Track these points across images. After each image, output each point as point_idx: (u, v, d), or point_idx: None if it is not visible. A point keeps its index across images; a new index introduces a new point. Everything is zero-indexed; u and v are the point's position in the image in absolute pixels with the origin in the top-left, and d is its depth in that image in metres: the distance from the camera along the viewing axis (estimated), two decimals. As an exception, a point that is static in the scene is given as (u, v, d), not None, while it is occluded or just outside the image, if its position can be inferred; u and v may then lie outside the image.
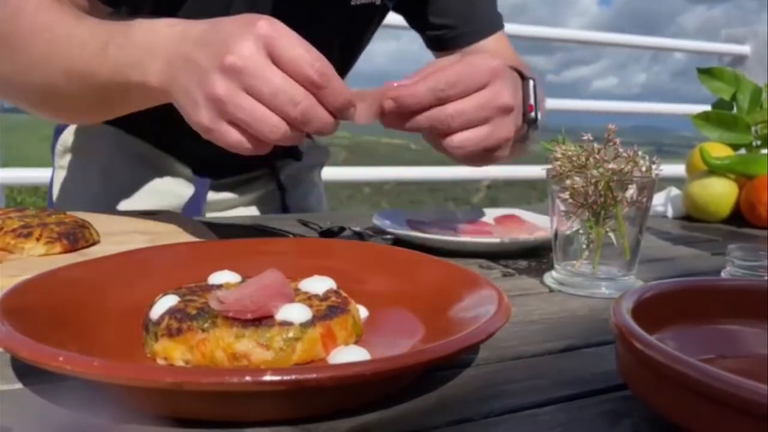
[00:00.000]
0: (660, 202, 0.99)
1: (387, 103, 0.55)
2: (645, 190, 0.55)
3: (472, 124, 0.57)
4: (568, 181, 0.55)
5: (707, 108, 1.01)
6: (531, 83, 0.64)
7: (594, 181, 0.54)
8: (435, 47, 0.95)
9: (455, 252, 0.67)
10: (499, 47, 0.91)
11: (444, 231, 0.73)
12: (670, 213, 0.97)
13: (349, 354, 0.38)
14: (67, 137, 0.96)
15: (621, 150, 0.54)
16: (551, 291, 0.57)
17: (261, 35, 0.49)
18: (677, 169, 1.08)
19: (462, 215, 0.83)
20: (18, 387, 0.36)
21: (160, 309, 0.40)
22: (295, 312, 0.38)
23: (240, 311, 0.37)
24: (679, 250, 0.77)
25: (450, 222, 0.78)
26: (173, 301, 0.40)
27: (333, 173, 2.43)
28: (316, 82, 0.49)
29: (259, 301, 0.38)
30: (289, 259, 0.52)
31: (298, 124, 0.50)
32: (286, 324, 0.38)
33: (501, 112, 0.57)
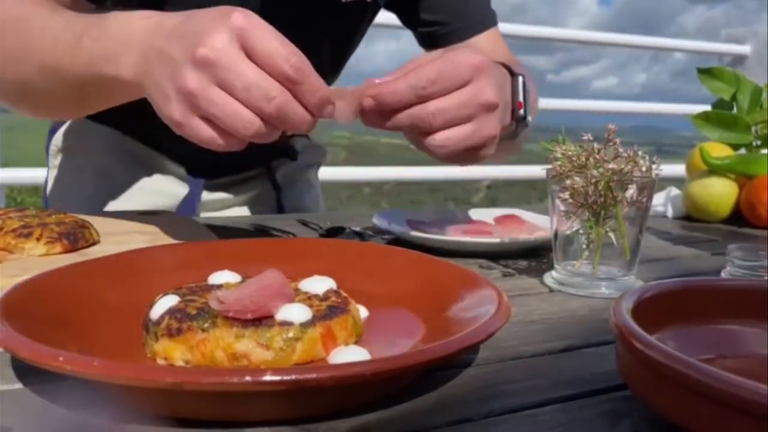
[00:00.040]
0: (660, 202, 0.98)
1: (366, 102, 0.53)
2: (645, 190, 0.55)
3: (454, 122, 0.55)
4: (568, 181, 0.55)
5: (707, 108, 1.01)
6: (520, 80, 0.62)
7: (594, 181, 0.54)
8: (427, 44, 0.93)
9: (455, 252, 0.67)
10: (492, 44, 0.90)
11: (444, 231, 0.73)
12: (670, 213, 0.97)
13: (349, 354, 0.38)
14: (61, 137, 0.95)
15: (621, 150, 0.54)
16: (551, 291, 0.57)
17: (235, 28, 0.47)
18: (677, 169, 1.08)
19: (462, 215, 0.83)
20: (18, 387, 0.36)
21: (160, 309, 0.40)
22: (295, 312, 0.38)
23: (240, 311, 0.37)
24: (679, 250, 0.77)
25: (450, 222, 0.78)
26: (173, 301, 0.40)
27: (333, 173, 2.43)
28: (291, 77, 0.47)
29: (259, 301, 0.38)
30: (289, 259, 0.52)
31: (273, 120, 0.48)
32: (286, 324, 0.38)
33: (485, 109, 0.55)
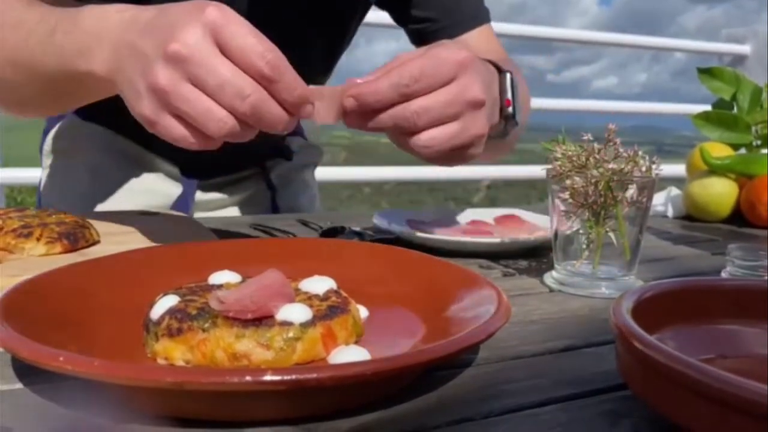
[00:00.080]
0: (660, 202, 0.98)
1: (347, 102, 0.51)
2: (645, 190, 0.55)
3: (440, 121, 0.53)
4: (568, 181, 0.55)
5: (707, 108, 1.01)
6: (508, 76, 0.61)
7: (594, 181, 0.54)
8: (418, 42, 0.91)
9: (455, 252, 0.67)
10: (485, 41, 0.89)
11: (444, 231, 0.73)
12: (670, 213, 0.97)
13: (350, 354, 0.38)
14: (54, 137, 0.95)
15: (621, 150, 0.54)
16: (551, 291, 0.57)
17: (209, 22, 0.45)
18: (677, 169, 1.08)
19: (462, 215, 0.83)
20: (18, 387, 0.36)
21: (160, 309, 0.40)
22: (296, 312, 0.38)
23: (240, 311, 0.37)
24: (679, 250, 0.76)
25: (450, 222, 0.78)
26: (173, 301, 0.40)
27: (333, 173, 2.43)
28: (266, 74, 0.45)
29: (260, 301, 0.38)
30: (289, 259, 0.52)
31: (247, 119, 0.46)
32: (286, 324, 0.38)
33: (471, 106, 0.53)
